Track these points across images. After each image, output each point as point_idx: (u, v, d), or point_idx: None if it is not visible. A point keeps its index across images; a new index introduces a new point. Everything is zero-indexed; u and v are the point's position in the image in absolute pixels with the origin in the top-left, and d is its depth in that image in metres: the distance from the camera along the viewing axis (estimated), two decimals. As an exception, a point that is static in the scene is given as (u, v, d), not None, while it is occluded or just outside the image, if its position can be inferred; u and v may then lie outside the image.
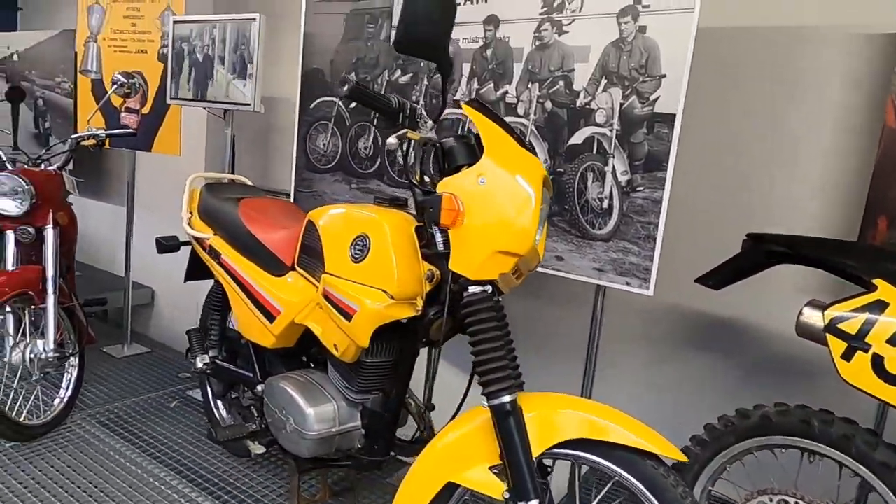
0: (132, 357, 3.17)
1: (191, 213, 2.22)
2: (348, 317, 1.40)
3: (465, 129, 1.97)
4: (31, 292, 2.21)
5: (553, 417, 1.20)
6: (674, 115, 1.59)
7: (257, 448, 1.67)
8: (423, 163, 1.37)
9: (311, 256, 1.65)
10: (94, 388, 2.74)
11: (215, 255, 2.01)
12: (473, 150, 1.31)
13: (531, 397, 1.24)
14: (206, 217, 2.12)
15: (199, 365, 2.03)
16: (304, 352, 1.86)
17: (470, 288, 1.26)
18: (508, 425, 1.18)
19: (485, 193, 1.24)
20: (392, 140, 1.27)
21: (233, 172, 2.71)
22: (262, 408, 1.82)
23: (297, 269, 1.71)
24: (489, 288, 1.26)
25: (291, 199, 2.50)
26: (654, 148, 1.63)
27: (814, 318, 1.37)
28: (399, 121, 1.31)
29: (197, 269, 2.35)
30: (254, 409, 1.89)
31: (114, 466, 2.15)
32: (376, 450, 1.59)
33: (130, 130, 2.47)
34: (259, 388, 1.83)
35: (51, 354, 2.22)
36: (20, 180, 2.23)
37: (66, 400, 2.39)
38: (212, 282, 2.61)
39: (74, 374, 2.43)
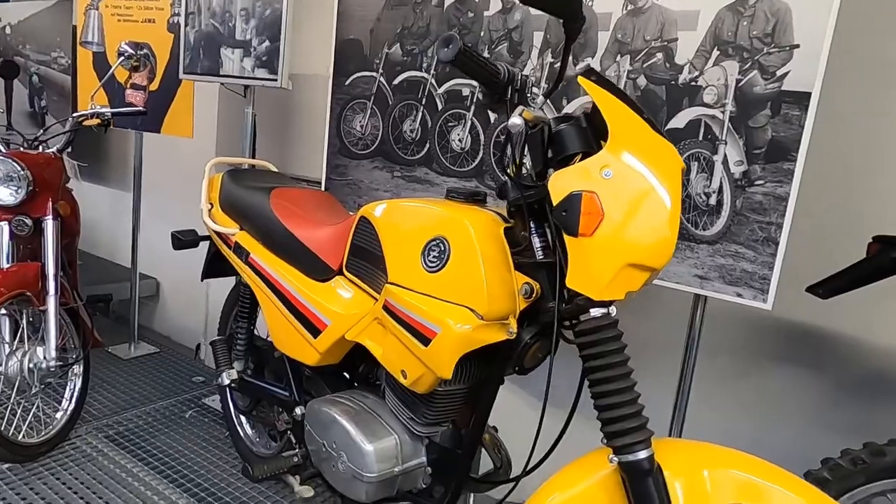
0: (140, 358, 2.90)
1: (211, 203, 1.94)
2: (425, 340, 1.14)
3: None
4: (28, 293, 1.94)
5: (700, 476, 0.94)
6: (808, 95, 1.32)
7: (305, 491, 1.41)
8: (515, 150, 1.09)
9: (364, 260, 1.38)
10: (99, 396, 2.48)
11: (242, 253, 1.74)
12: (587, 136, 1.03)
13: (665, 446, 0.98)
14: (229, 209, 1.85)
15: (226, 381, 1.76)
16: (347, 368, 1.60)
17: (592, 311, 0.99)
18: (647, 488, 0.93)
19: (612, 190, 0.97)
20: (516, 120, 1.00)
21: (254, 157, 2.42)
22: (303, 434, 1.56)
23: (346, 273, 1.44)
24: (614, 310, 1.00)
25: (322, 188, 2.22)
26: (781, 134, 1.36)
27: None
28: (507, 95, 1.03)
29: (216, 266, 2.08)
30: (291, 435, 1.63)
31: (122, 489, 1.90)
32: (445, 492, 1.33)
33: (140, 109, 2.18)
34: (298, 411, 1.57)
35: (52, 363, 1.95)
36: (15, 164, 1.94)
37: (69, 412, 2.13)
38: (231, 279, 2.34)
39: (78, 383, 2.16)
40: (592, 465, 1.03)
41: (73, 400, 2.15)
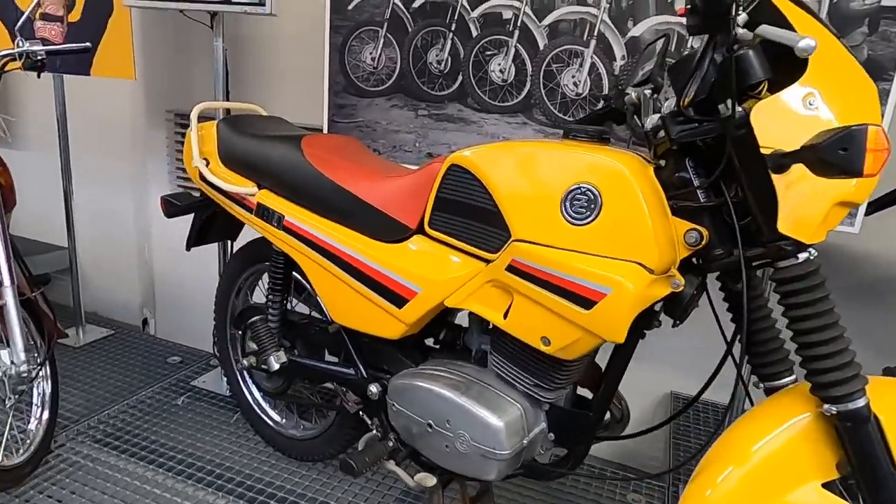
0: (94, 344, 2.51)
1: (205, 158, 1.63)
2: (587, 303, 1.00)
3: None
4: (-21, 287, 1.55)
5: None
6: (910, 9, 1.27)
7: (426, 479, 1.25)
8: (696, 78, 0.95)
9: (461, 216, 1.19)
10: (70, 396, 2.11)
11: (270, 216, 1.48)
12: (768, 61, 0.91)
13: (873, 387, 0.94)
14: (238, 164, 1.56)
15: (275, 365, 1.52)
16: (423, 336, 1.43)
17: (800, 255, 0.91)
18: (867, 437, 0.89)
19: (818, 121, 0.87)
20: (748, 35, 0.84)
21: (228, 101, 2.06)
22: (383, 414, 1.40)
23: (430, 231, 1.25)
24: (815, 253, 0.92)
25: (325, 131, 1.94)
26: (878, 52, 1.32)
27: None
28: (733, 11, 0.86)
29: (207, 232, 1.79)
30: (364, 416, 1.45)
31: (134, 494, 1.64)
32: (568, 458, 1.25)
33: (86, 45, 1.74)
34: (373, 388, 1.39)
35: (23, 368, 1.60)
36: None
37: (44, 421, 1.78)
38: (215, 246, 2.04)
39: (48, 385, 1.81)
40: (784, 413, 0.98)
41: (46, 405, 1.80)
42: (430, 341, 1.47)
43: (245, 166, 1.55)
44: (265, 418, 1.84)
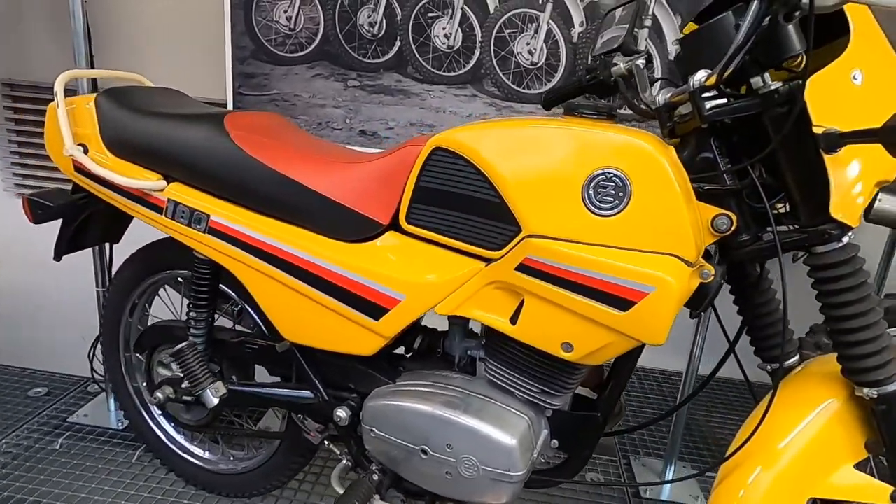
0: (-82, 383, 1.95)
1: (82, 144, 1.28)
2: (624, 304, 0.89)
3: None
4: None
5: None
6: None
7: None
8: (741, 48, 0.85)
9: (450, 208, 1.02)
10: None
11: (190, 217, 1.18)
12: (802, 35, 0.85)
13: None
14: (128, 151, 1.24)
15: (215, 400, 1.23)
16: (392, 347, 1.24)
17: (843, 239, 0.87)
18: (904, 415, 0.89)
19: (862, 97, 0.83)
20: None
21: (93, 68, 1.64)
22: (354, 442, 1.20)
23: (408, 227, 1.06)
24: (852, 236, 0.89)
25: (230, 106, 1.62)
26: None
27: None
28: None
29: (81, 236, 1.44)
30: (332, 446, 1.23)
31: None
32: (567, 464, 1.16)
33: None
34: (342, 413, 1.18)
35: None
36: None
37: None
38: (89, 252, 1.67)
39: None
40: (808, 402, 0.96)
41: None
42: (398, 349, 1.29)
43: (143, 154, 1.22)
44: (182, 454, 1.54)
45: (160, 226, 1.22)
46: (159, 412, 1.59)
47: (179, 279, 1.47)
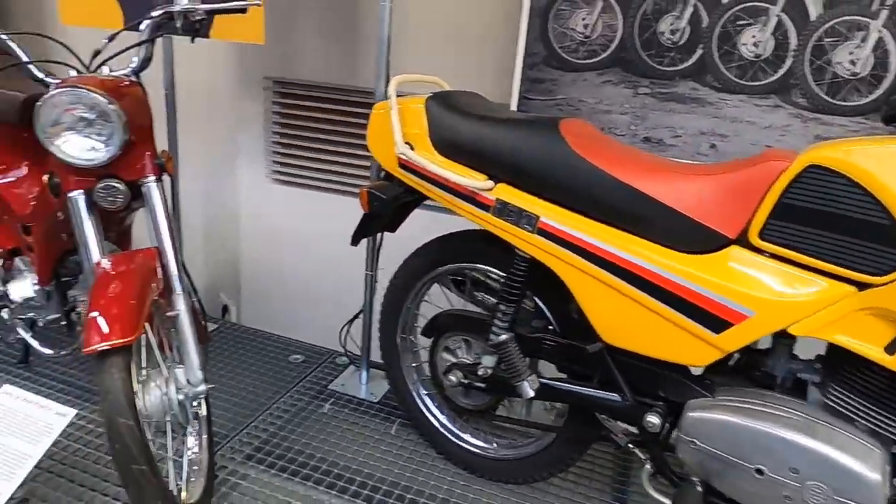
0: (202, 340, 2.26)
1: (409, 143, 1.39)
2: None
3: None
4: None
5: None
6: None
7: None
8: None
9: (821, 229, 0.99)
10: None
11: (518, 217, 1.25)
12: None
13: None
14: (456, 151, 1.33)
15: (531, 392, 1.32)
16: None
17: None
18: None
19: None
20: None
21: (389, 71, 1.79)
22: (665, 449, 1.22)
23: (761, 243, 1.05)
24: None
25: (514, 109, 1.70)
26: None
27: None
28: None
29: (374, 223, 1.56)
30: (636, 449, 1.26)
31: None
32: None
33: (255, 1, 1.45)
34: (653, 420, 1.20)
35: (200, 389, 1.38)
36: (99, 98, 1.22)
37: (205, 444, 1.56)
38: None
39: (203, 403, 1.58)
40: None
41: (204, 426, 1.57)
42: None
43: (472, 155, 1.31)
44: (451, 437, 1.65)
45: (484, 223, 1.31)
46: (425, 392, 1.71)
47: (454, 274, 1.57)
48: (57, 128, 1.22)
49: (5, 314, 1.77)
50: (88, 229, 1.32)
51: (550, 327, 1.40)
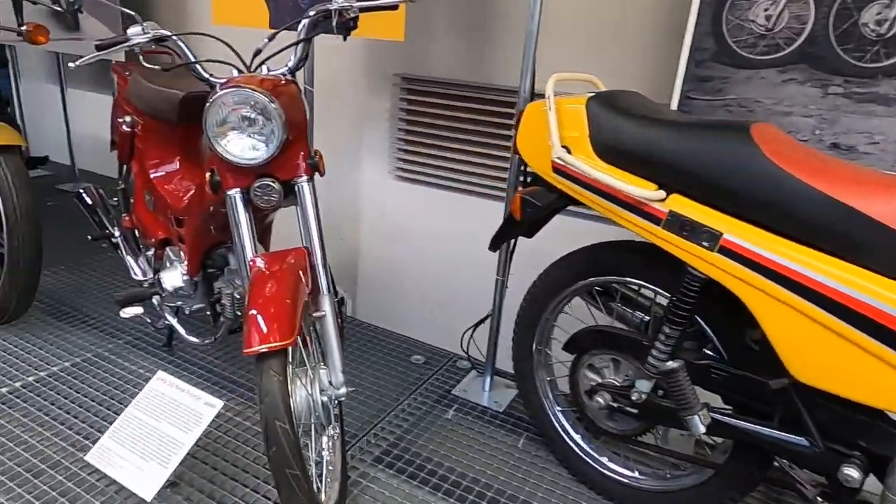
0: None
1: (566, 146, 1.29)
2: None
3: None
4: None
5: None
6: None
7: None
8: None
9: None
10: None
11: (698, 233, 1.12)
12: None
13: None
14: (622, 157, 1.22)
15: (702, 427, 1.20)
16: None
17: None
18: None
19: None
20: None
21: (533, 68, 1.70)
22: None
23: None
24: None
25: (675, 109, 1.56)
26: None
27: None
28: None
29: (520, 226, 1.48)
30: (823, 501, 1.11)
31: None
32: None
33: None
34: (851, 473, 1.04)
35: (342, 391, 1.36)
36: (264, 98, 1.22)
37: (338, 442, 1.56)
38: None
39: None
40: None
41: (340, 425, 1.57)
42: None
43: (640, 161, 1.19)
44: (588, 459, 1.55)
45: (653, 237, 1.19)
46: (560, 408, 1.62)
47: (599, 288, 1.46)
48: (223, 127, 1.24)
49: (156, 301, 1.87)
50: (244, 227, 1.34)
51: (712, 354, 1.26)
